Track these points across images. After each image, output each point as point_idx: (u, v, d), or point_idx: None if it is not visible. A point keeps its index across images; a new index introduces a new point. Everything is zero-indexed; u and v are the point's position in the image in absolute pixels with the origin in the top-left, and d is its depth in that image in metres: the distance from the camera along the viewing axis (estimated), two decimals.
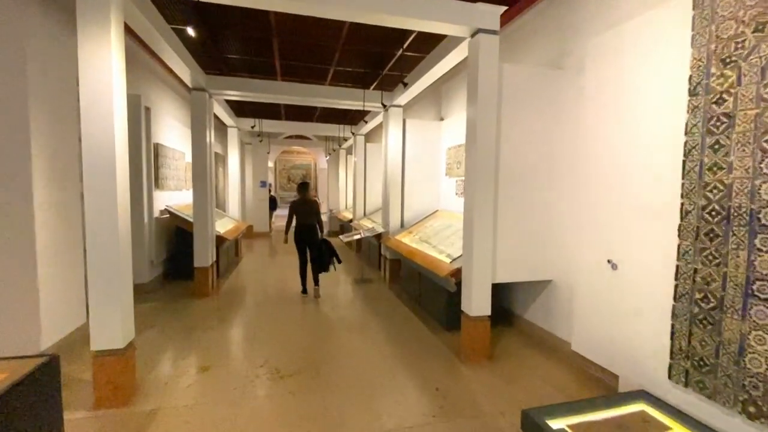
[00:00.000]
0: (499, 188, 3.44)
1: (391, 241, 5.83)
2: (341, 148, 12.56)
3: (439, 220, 5.67)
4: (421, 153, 6.12)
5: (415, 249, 4.88)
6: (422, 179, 6.17)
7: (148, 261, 5.57)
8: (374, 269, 7.29)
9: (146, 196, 5.52)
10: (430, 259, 4.33)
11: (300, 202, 5.47)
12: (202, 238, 5.38)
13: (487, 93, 3.28)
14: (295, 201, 5.54)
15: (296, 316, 4.67)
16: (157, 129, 5.86)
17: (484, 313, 3.40)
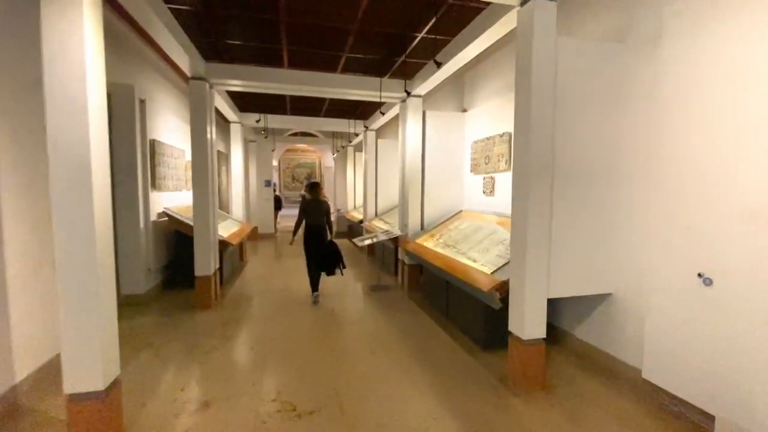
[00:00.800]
0: (554, 187, 2.89)
1: (411, 245, 5.29)
2: (349, 145, 12.02)
3: (464, 221, 5.12)
4: (442, 147, 5.58)
5: (444, 256, 4.34)
6: (444, 177, 5.63)
7: (145, 269, 5.06)
8: (389, 274, 6.75)
9: (141, 197, 5.00)
10: (463, 268, 3.78)
11: (310, 202, 5.24)
12: (203, 244, 4.86)
13: (543, 73, 2.73)
14: (306, 201, 5.30)
15: (310, 331, 4.14)
16: (154, 124, 5.34)
17: (539, 336, 2.86)
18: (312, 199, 5.27)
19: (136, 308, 4.81)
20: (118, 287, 5.00)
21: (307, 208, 5.22)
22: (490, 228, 4.44)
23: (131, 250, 4.93)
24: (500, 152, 4.65)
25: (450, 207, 5.67)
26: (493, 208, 4.88)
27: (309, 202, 5.24)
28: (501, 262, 3.48)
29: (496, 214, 4.69)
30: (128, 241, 4.91)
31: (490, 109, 4.94)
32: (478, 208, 5.22)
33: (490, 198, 4.98)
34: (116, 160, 4.81)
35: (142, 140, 5.02)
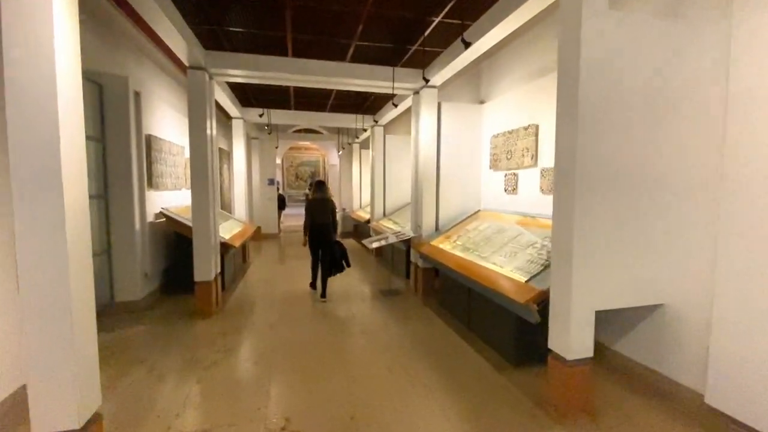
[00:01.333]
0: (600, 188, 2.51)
1: (426, 247, 4.92)
2: (355, 141, 11.65)
3: (484, 222, 4.74)
4: (458, 142, 5.20)
5: (464, 260, 3.97)
6: (460, 174, 5.25)
7: (141, 274, 4.72)
8: (400, 277, 6.39)
9: (137, 197, 4.66)
10: (489, 274, 3.41)
11: (315, 200, 5.19)
12: (203, 247, 4.51)
13: (591, 52, 2.34)
14: (311, 199, 5.24)
15: (319, 342, 3.79)
16: (150, 118, 4.99)
17: (585, 355, 2.49)
18: (318, 198, 5.19)
19: (131, 317, 4.47)
20: (111, 294, 4.69)
21: (313, 206, 5.13)
22: (515, 230, 4.06)
23: (126, 254, 4.59)
24: (525, 146, 4.26)
25: (467, 206, 5.29)
26: (516, 208, 4.50)
27: (314, 201, 5.17)
28: (535, 269, 3.11)
29: (519, 214, 4.31)
30: (122, 244, 4.57)
31: (513, 99, 4.56)
32: (499, 207, 4.85)
33: (512, 196, 4.60)
34: (109, 157, 4.47)
35: (137, 136, 4.68)
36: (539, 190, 4.08)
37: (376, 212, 8.32)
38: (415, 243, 5.29)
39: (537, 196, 4.13)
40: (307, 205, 5.19)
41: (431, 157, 5.15)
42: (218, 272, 4.89)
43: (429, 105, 5.10)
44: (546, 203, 3.99)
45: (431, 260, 4.66)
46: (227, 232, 6.06)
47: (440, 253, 4.51)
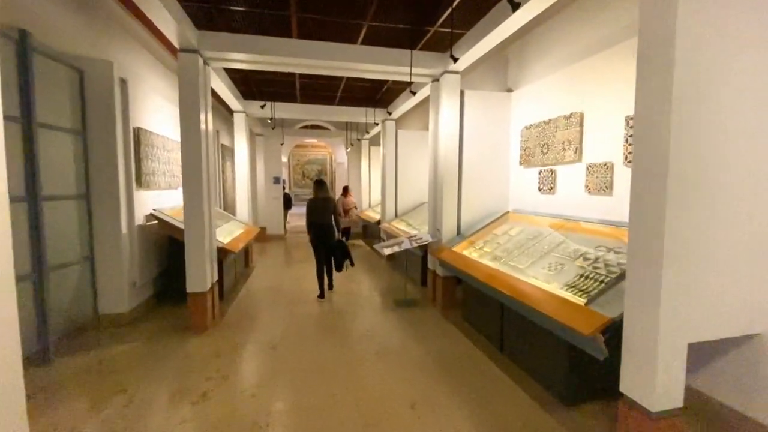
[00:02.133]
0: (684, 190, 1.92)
1: (446, 253, 4.36)
2: (364, 138, 11.10)
3: (515, 226, 4.16)
4: (484, 135, 4.62)
5: (495, 271, 3.39)
6: (486, 170, 4.67)
7: (128, 283, 4.22)
8: (415, 284, 5.83)
9: (124, 198, 4.16)
10: (531, 292, 2.83)
11: (316, 200, 5.17)
12: (196, 254, 4.00)
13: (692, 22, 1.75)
14: (312, 199, 5.20)
15: (328, 368, 3.25)
16: (140, 109, 4.48)
17: (674, 405, 1.91)
18: (318, 197, 5.18)
19: (116, 332, 3.98)
20: (94, 307, 4.20)
21: (314, 206, 5.13)
22: (555, 236, 3.48)
23: (111, 262, 4.10)
24: (566, 138, 3.67)
25: (493, 207, 4.71)
26: (553, 209, 3.91)
27: (315, 201, 5.15)
28: (591, 287, 2.53)
29: (557, 217, 3.73)
30: (107, 250, 4.08)
31: (550, 85, 3.96)
32: (531, 209, 4.26)
33: (548, 196, 4.01)
34: (91, 152, 3.98)
35: (124, 129, 4.17)
36: (584, 190, 3.49)
37: (388, 213, 7.77)
38: (434, 248, 4.72)
39: (581, 196, 3.55)
40: (308, 204, 5.16)
41: (452, 152, 4.57)
42: (215, 281, 4.38)
43: (450, 93, 4.52)
44: (593, 205, 3.40)
45: (453, 269, 4.09)
46: (227, 236, 5.55)
47: (464, 261, 3.94)
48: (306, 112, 7.83)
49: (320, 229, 5.11)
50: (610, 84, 3.23)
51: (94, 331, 3.99)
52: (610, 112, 3.23)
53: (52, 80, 3.57)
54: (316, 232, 5.12)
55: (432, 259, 4.88)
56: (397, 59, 4.44)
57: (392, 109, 7.12)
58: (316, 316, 4.47)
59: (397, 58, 4.45)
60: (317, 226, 5.11)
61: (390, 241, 5.00)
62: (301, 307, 4.81)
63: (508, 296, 2.98)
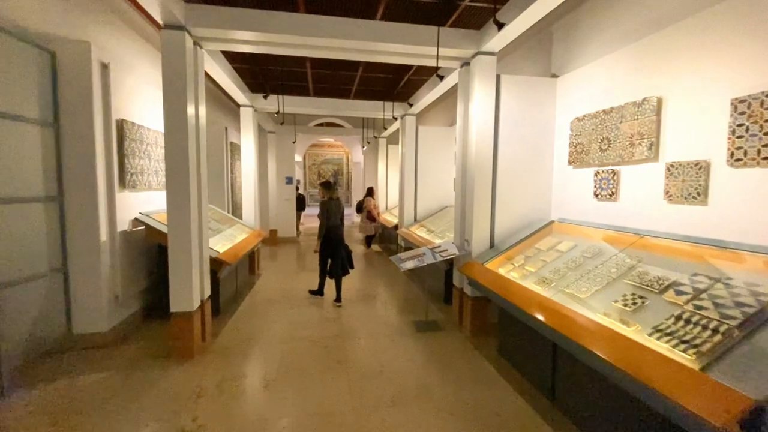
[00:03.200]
0: None
1: (477, 269, 3.62)
2: (381, 136, 10.42)
3: (562, 239, 3.40)
4: (524, 128, 3.87)
5: (546, 300, 2.64)
6: (525, 171, 3.92)
7: (109, 298, 3.67)
8: (437, 300, 5.10)
9: (104, 200, 3.61)
10: (606, 337, 2.07)
11: (331, 201, 4.93)
12: (181, 267, 3.40)
13: None
14: (328, 200, 4.94)
15: (336, 421, 2.57)
16: (125, 99, 3.93)
17: None
18: (333, 198, 4.96)
19: (91, 356, 3.42)
20: (68, 325, 3.66)
21: (330, 208, 4.86)
22: (625, 257, 2.71)
23: (87, 273, 3.55)
24: (636, 131, 2.89)
25: (533, 216, 3.95)
26: (614, 220, 3.13)
27: (331, 202, 4.90)
28: (699, 336, 1.76)
29: (622, 231, 2.95)
30: (83, 259, 3.53)
31: (611, 65, 3.19)
32: (583, 218, 3.48)
33: (607, 204, 3.23)
34: (65, 148, 3.44)
35: (104, 120, 3.62)
36: (663, 196, 2.71)
37: (406, 217, 7.06)
38: (462, 263, 4.00)
39: (657, 204, 2.76)
40: (324, 206, 4.88)
41: (486, 149, 3.84)
42: (206, 298, 3.78)
43: (484, 78, 3.78)
44: (675, 217, 2.61)
45: (487, 290, 3.35)
46: (227, 242, 4.97)
47: (501, 283, 3.20)
48: (318, 106, 7.20)
49: (338, 232, 4.93)
50: (704, 58, 2.44)
51: (67, 354, 3.44)
52: (704, 95, 2.44)
53: (15, 62, 3.03)
54: (336, 235, 4.89)
55: (460, 275, 4.15)
56: (421, 38, 3.72)
57: (414, 100, 6.36)
58: (322, 342, 3.81)
59: (421, 36, 3.74)
60: (335, 229, 4.90)
61: (409, 253, 4.29)
62: (305, 328, 4.16)
63: (567, 339, 2.23)
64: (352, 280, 6.34)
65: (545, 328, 2.47)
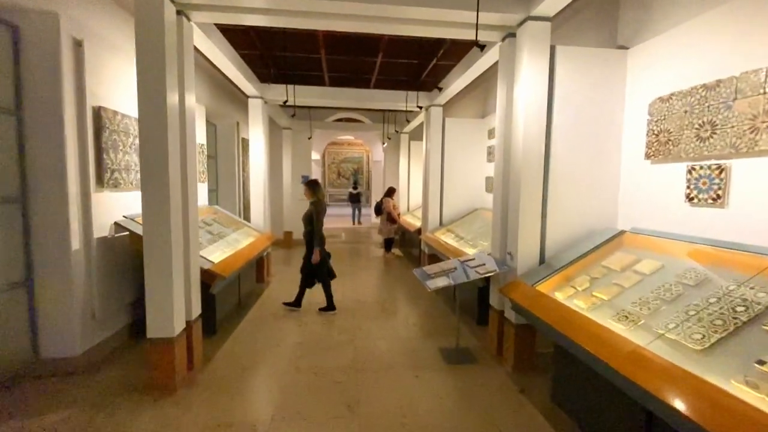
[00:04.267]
0: None
1: (524, 292, 2.86)
2: (403, 132, 9.70)
3: (641, 256, 2.59)
4: (585, 112, 3.09)
5: (637, 349, 1.86)
6: (586, 167, 3.13)
7: (83, 316, 3.13)
8: (468, 321, 4.34)
9: (76, 201, 3.07)
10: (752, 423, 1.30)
11: (323, 203, 4.51)
12: (159, 283, 2.79)
13: None
14: (320, 202, 4.46)
15: None
16: (105, 83, 3.37)
17: None
18: (323, 200, 4.51)
19: (57, 387, 2.88)
20: (34, 348, 3.11)
21: (321, 211, 4.41)
22: (754, 291, 1.89)
23: (56, 287, 3.02)
24: (763, 109, 2.07)
25: (594, 224, 3.15)
26: (719, 233, 2.31)
27: (320, 204, 4.43)
28: None
29: (735, 250, 2.13)
30: (51, 271, 3.00)
31: (714, 25, 2.36)
32: (668, 228, 2.66)
33: (709, 210, 2.41)
34: (29, 140, 2.91)
35: (78, 108, 3.08)
36: None
37: (431, 220, 6.33)
38: (504, 282, 3.24)
39: None
40: (320, 208, 4.40)
41: (535, 141, 3.06)
42: (194, 319, 3.17)
43: (535, 50, 3.00)
44: None
45: (539, 321, 2.58)
46: (229, 248, 4.39)
47: (560, 313, 2.43)
48: (335, 96, 6.54)
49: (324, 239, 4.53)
50: None
51: (30, 384, 2.91)
52: None
53: None
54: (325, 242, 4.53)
55: (499, 296, 3.40)
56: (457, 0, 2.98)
57: (446, 84, 5.52)
58: (330, 374, 3.14)
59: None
60: (323, 236, 4.48)
61: (436, 267, 3.56)
62: (312, 353, 3.50)
63: (677, 414, 1.46)
64: (369, 290, 5.66)
65: (637, 389, 1.71)
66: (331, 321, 4.31)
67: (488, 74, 5.67)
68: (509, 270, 3.19)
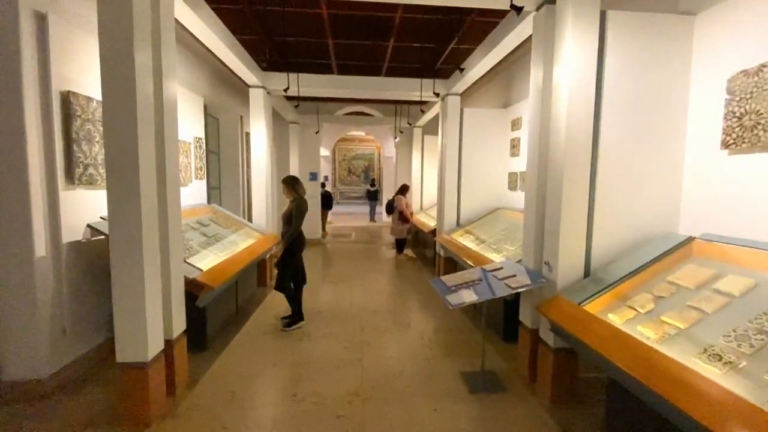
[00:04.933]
0: None
1: (568, 312, 2.34)
2: (416, 125, 9.18)
3: (723, 271, 2.04)
4: (640, 92, 2.53)
5: (752, 409, 1.34)
6: (643, 158, 2.58)
7: (51, 332, 2.72)
8: (492, 336, 3.82)
9: (40, 200, 2.66)
10: None
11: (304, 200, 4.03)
12: (127, 299, 2.35)
13: None
14: (303, 199, 4.01)
15: None
16: (76, 64, 2.95)
17: None
18: (303, 196, 4.03)
19: (19, 414, 2.47)
20: None
21: (304, 209, 3.96)
22: None
23: (18, 301, 2.62)
24: None
25: (652, 228, 2.60)
26: None
27: (303, 201, 3.97)
28: None
29: None
30: (10, 283, 2.60)
31: None
32: (750, 234, 2.10)
33: None
34: None
35: (42, 92, 2.66)
36: None
37: (446, 220, 5.80)
38: (541, 299, 2.72)
39: None
40: (302, 207, 3.92)
41: (580, 129, 2.52)
42: (178, 335, 2.74)
43: (581, 17, 2.46)
44: None
45: (589, 350, 2.06)
46: (226, 252, 3.97)
47: (620, 343, 1.90)
48: (342, 85, 6.04)
49: (304, 239, 4.06)
50: None
51: None
52: None
53: None
54: (304, 239, 4.06)
55: (531, 310, 2.88)
56: None
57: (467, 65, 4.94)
58: (332, 405, 2.67)
59: None
60: (301, 235, 4.01)
61: (457, 277, 3.06)
62: (313, 377, 3.04)
63: None
64: (379, 296, 5.18)
65: None
66: (336, 334, 3.85)
67: (511, 59, 5.11)
68: (547, 283, 2.66)
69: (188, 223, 4.13)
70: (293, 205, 3.91)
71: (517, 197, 5.13)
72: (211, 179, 6.34)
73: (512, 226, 4.49)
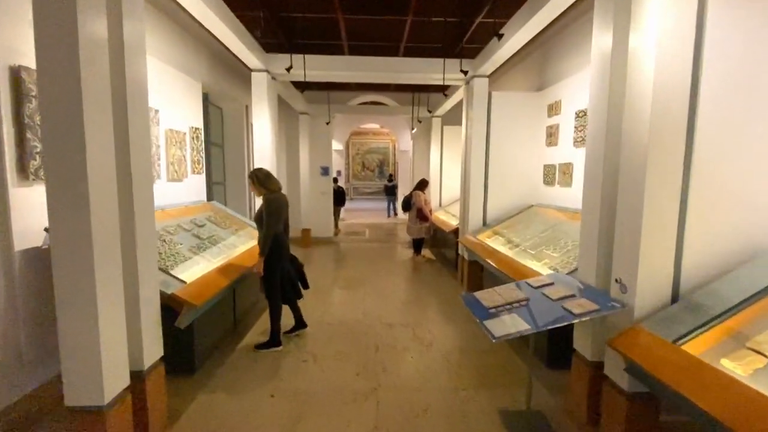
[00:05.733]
0: None
1: (658, 354, 1.71)
2: (435, 114, 8.53)
3: None
4: (751, 59, 1.85)
5: None
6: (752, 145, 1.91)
7: (5, 359, 2.25)
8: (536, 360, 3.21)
9: None
10: None
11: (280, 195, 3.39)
12: (77, 325, 1.83)
13: None
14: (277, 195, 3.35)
15: None
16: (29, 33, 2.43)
17: None
18: (278, 190, 3.41)
19: None
20: None
21: (280, 206, 3.33)
22: None
23: None
24: None
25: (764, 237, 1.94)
26: None
27: (280, 198, 3.37)
28: None
29: None
30: None
31: None
32: None
33: None
34: None
35: None
36: None
37: (471, 219, 5.18)
38: (615, 329, 2.10)
39: None
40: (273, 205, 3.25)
41: (672, 105, 1.87)
42: (151, 365, 2.23)
43: None
44: None
45: (700, 413, 1.44)
46: (217, 258, 3.45)
47: (751, 409, 1.28)
48: (354, 66, 5.38)
49: (286, 242, 3.44)
50: None
51: None
52: None
53: None
54: (284, 243, 3.39)
55: (589, 336, 2.26)
56: None
57: (506, 31, 4.10)
58: None
59: None
60: (281, 238, 3.33)
61: (496, 295, 2.45)
62: (316, 414, 2.49)
63: None
64: (395, 305, 4.61)
65: None
66: (347, 355, 3.30)
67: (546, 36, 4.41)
68: (621, 308, 2.03)
69: (180, 223, 3.63)
70: (264, 204, 3.25)
71: (554, 193, 4.47)
72: (213, 174, 5.87)
73: (552, 228, 3.85)
